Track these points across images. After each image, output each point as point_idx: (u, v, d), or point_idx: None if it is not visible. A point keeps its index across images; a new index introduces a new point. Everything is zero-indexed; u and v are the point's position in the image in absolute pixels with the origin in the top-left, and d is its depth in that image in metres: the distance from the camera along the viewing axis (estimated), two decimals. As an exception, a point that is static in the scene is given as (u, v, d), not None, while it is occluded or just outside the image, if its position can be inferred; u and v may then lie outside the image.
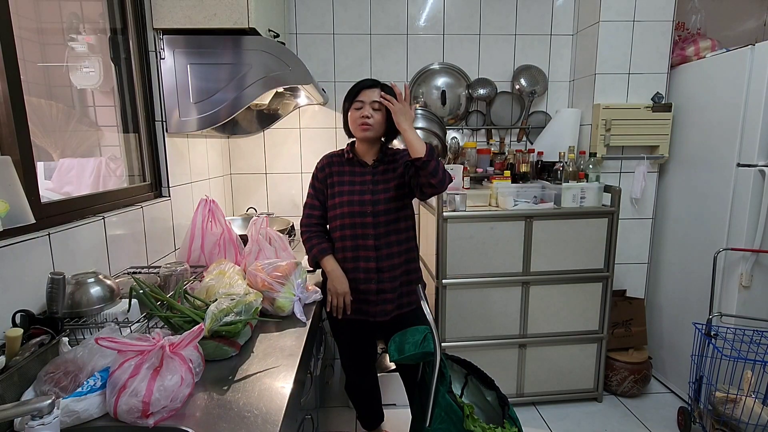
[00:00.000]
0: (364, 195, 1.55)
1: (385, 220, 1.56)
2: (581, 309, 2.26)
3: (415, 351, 1.38)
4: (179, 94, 1.69)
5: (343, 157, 1.63)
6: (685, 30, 2.57)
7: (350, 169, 1.61)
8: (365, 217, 1.54)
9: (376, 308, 1.60)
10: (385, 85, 1.55)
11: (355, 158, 1.61)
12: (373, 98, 1.52)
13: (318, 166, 1.66)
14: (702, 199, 2.24)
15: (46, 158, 1.39)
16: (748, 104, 1.97)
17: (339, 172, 1.62)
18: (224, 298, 1.12)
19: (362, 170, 1.60)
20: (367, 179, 1.58)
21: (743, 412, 1.78)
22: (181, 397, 0.86)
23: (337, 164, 1.63)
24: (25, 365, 0.84)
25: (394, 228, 1.58)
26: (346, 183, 1.59)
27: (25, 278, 1.00)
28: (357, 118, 1.53)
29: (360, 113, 1.52)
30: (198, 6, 1.59)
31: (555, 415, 2.27)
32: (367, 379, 1.84)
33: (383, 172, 1.59)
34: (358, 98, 1.53)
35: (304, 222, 1.66)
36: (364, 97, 1.52)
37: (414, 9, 2.51)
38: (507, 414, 1.40)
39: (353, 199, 1.55)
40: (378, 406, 1.95)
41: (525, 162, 2.38)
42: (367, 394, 1.88)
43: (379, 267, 1.56)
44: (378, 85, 1.54)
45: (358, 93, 1.54)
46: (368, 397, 1.90)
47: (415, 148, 1.40)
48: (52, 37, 1.49)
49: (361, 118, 1.52)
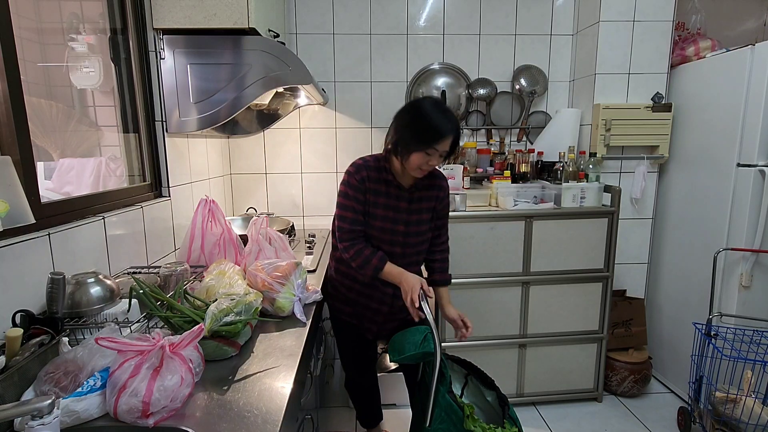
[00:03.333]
0: (397, 224, 1.49)
1: (412, 251, 1.55)
2: (581, 309, 2.26)
3: (415, 351, 1.38)
4: (179, 94, 1.69)
5: (380, 173, 1.49)
6: (685, 30, 2.57)
7: (386, 190, 1.49)
8: (394, 246, 1.51)
9: (383, 327, 1.64)
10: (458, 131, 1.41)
11: (392, 180, 1.49)
12: (445, 149, 1.39)
13: (356, 177, 1.47)
14: (702, 199, 2.24)
15: (46, 158, 1.39)
16: (748, 104, 1.97)
17: (375, 190, 1.48)
18: (224, 298, 1.12)
19: (398, 193, 1.49)
20: (402, 206, 1.50)
21: (743, 412, 1.78)
22: (181, 397, 0.86)
23: (374, 180, 1.48)
24: (25, 365, 0.84)
25: (416, 259, 1.58)
26: (381, 206, 1.49)
27: (25, 278, 1.00)
28: (423, 164, 1.39)
29: (428, 161, 1.39)
30: (198, 6, 1.59)
31: (555, 415, 2.27)
32: (367, 377, 1.84)
33: (419, 199, 1.52)
34: (435, 146, 1.36)
35: (347, 236, 1.49)
36: (440, 147, 1.37)
37: (414, 9, 2.51)
38: (507, 414, 1.40)
39: (385, 226, 1.49)
40: (377, 405, 1.95)
41: (525, 162, 2.38)
42: (366, 392, 1.89)
43: (395, 293, 1.52)
44: (456, 132, 1.39)
45: (437, 140, 1.36)
46: (368, 395, 1.90)
47: None
48: (52, 37, 1.49)
49: (428, 166, 1.41)
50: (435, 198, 1.57)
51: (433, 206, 1.57)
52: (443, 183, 1.60)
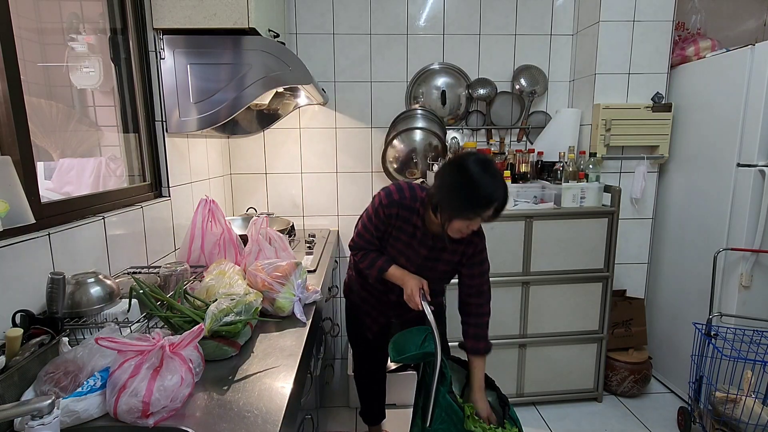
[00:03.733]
0: (411, 265, 1.49)
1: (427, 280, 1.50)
2: (581, 309, 2.26)
3: (416, 351, 1.38)
4: (179, 94, 1.69)
5: (411, 215, 1.44)
6: (685, 30, 2.57)
7: (412, 232, 1.46)
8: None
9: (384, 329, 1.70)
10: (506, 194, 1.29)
11: (421, 227, 1.45)
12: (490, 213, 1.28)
13: (386, 211, 1.43)
14: (702, 199, 2.24)
15: (46, 158, 1.39)
16: (748, 104, 1.97)
17: (400, 227, 1.46)
18: (224, 298, 1.12)
19: (422, 238, 1.46)
20: (422, 253, 1.47)
21: (743, 412, 1.78)
22: (181, 397, 0.86)
23: (402, 219, 1.44)
24: (25, 365, 0.84)
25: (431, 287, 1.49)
26: (402, 242, 1.47)
27: (25, 278, 1.00)
28: (464, 228, 1.32)
29: (469, 225, 1.31)
30: (198, 6, 1.59)
31: (555, 415, 2.27)
32: (379, 373, 1.88)
33: (441, 249, 1.47)
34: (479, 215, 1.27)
35: (360, 246, 1.53)
36: (483, 215, 1.27)
37: (414, 9, 2.51)
38: (507, 414, 1.40)
39: (401, 261, 1.49)
40: (382, 402, 1.97)
41: (525, 162, 2.38)
42: (376, 386, 1.92)
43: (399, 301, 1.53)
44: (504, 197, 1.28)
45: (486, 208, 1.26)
46: (376, 390, 1.93)
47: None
48: (52, 37, 1.49)
49: (468, 230, 1.34)
50: (460, 253, 1.47)
51: (456, 260, 1.49)
52: (474, 238, 1.46)
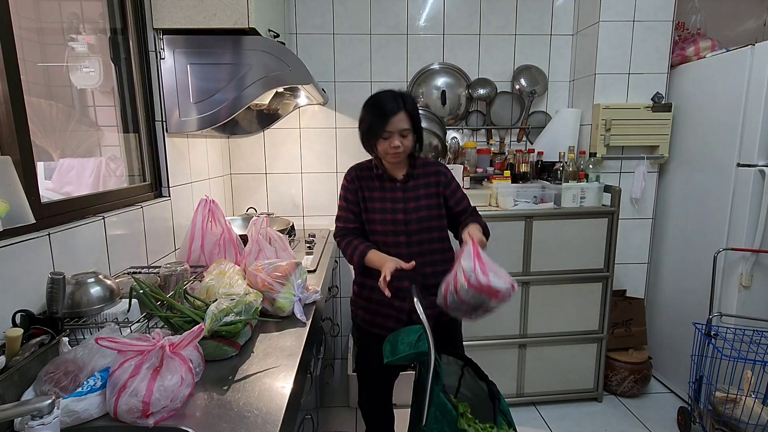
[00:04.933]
0: (396, 214, 1.50)
1: (418, 240, 1.52)
2: (581, 309, 2.26)
3: (409, 351, 1.37)
4: (179, 94, 1.69)
5: (372, 171, 1.55)
6: (685, 30, 2.57)
7: (380, 185, 1.54)
8: (399, 235, 1.51)
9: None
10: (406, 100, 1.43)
11: (384, 174, 1.54)
12: (402, 127, 1.41)
13: (347, 179, 1.57)
14: (702, 199, 2.24)
15: (46, 158, 1.39)
16: (748, 104, 1.97)
17: (369, 187, 1.54)
18: (224, 298, 1.12)
19: (392, 186, 1.53)
20: (398, 196, 1.52)
21: (743, 412, 1.78)
22: (181, 397, 0.86)
23: (366, 179, 1.55)
24: (25, 365, 0.84)
25: (428, 248, 1.53)
26: (377, 200, 1.53)
27: (25, 278, 1.00)
28: (387, 149, 1.43)
29: (390, 144, 1.42)
30: (198, 6, 1.59)
31: (555, 415, 2.27)
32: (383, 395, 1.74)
33: (414, 187, 1.53)
34: (386, 129, 1.40)
35: (340, 232, 1.58)
36: (392, 128, 1.40)
37: (414, 9, 2.51)
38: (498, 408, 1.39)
39: (386, 217, 1.51)
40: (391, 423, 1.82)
41: (525, 162, 2.38)
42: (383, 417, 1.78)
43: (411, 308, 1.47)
44: (402, 106, 1.41)
45: (385, 123, 1.40)
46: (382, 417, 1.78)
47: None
48: (52, 37, 1.49)
49: (392, 149, 1.43)
50: (434, 183, 1.54)
51: (433, 192, 1.54)
52: (440, 168, 1.57)
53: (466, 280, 1.26)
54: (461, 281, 1.28)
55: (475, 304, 1.30)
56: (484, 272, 1.27)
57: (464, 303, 1.30)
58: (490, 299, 1.29)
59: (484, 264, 1.29)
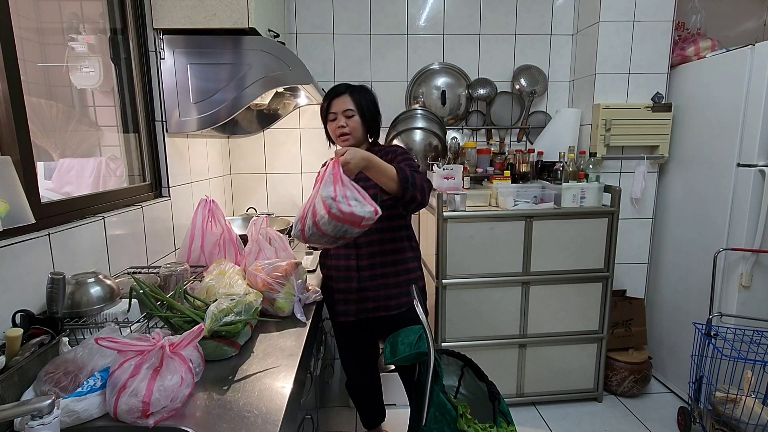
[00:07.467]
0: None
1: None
2: (581, 309, 2.26)
3: (409, 352, 1.37)
4: (179, 94, 1.69)
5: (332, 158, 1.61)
6: (685, 30, 2.57)
7: None
8: None
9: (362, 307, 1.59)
10: (355, 88, 1.56)
11: None
12: (344, 107, 1.53)
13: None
14: (702, 199, 2.24)
15: (46, 158, 1.39)
16: (748, 104, 1.97)
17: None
18: (224, 298, 1.12)
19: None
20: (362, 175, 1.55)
21: (743, 412, 1.78)
22: (181, 397, 0.86)
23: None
24: (25, 365, 0.84)
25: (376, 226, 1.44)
26: None
27: (25, 278, 1.00)
28: (334, 129, 1.55)
29: (336, 125, 1.54)
30: (198, 6, 1.59)
31: (555, 415, 2.27)
32: (367, 377, 1.84)
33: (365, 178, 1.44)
34: (331, 110, 1.54)
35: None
36: (335, 108, 1.54)
37: (414, 9, 2.51)
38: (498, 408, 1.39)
39: None
40: (379, 405, 1.95)
41: (525, 162, 2.38)
42: (367, 392, 1.89)
43: (359, 265, 1.56)
44: (347, 90, 1.55)
45: (330, 105, 1.54)
46: (369, 395, 1.90)
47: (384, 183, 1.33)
48: (52, 37, 1.49)
49: (338, 129, 1.53)
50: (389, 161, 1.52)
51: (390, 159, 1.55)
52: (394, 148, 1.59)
53: (326, 210, 1.18)
54: (320, 213, 1.19)
55: (336, 234, 1.23)
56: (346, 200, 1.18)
57: (325, 235, 1.24)
58: (353, 228, 1.23)
59: (346, 189, 1.19)
